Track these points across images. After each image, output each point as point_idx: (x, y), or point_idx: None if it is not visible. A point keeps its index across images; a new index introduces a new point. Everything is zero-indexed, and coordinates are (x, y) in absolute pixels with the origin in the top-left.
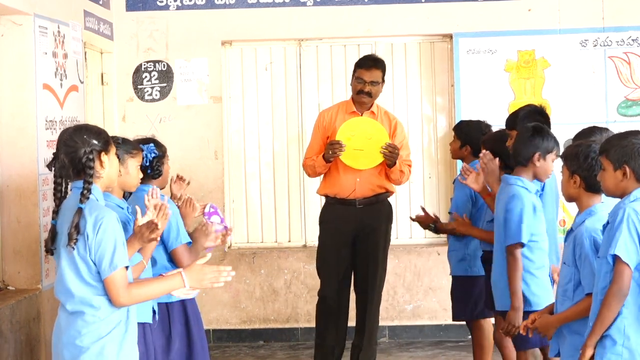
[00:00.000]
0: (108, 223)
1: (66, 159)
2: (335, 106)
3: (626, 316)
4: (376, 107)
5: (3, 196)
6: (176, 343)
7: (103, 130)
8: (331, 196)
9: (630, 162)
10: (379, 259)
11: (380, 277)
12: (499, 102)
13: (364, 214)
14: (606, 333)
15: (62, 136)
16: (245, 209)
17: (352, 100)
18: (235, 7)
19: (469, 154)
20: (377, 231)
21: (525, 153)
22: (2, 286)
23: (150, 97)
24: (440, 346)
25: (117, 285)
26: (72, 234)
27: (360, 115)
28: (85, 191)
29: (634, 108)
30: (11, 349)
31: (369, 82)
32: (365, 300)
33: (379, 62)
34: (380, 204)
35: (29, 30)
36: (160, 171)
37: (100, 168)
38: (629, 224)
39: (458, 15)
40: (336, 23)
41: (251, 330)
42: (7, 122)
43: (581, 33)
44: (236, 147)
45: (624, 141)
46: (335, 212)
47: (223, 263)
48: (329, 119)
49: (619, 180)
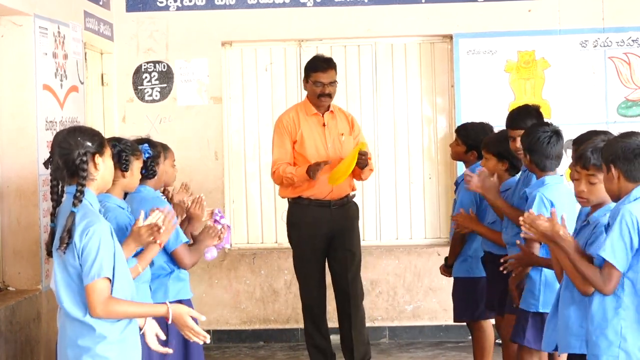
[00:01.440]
0: (96, 231)
1: (60, 161)
2: (292, 109)
3: (624, 317)
4: (332, 106)
5: (3, 197)
6: (172, 342)
7: (97, 132)
8: (305, 197)
9: (616, 163)
10: (356, 255)
11: (358, 274)
12: (499, 102)
13: (337, 215)
14: (602, 333)
15: (57, 138)
16: (245, 209)
17: (308, 101)
18: (235, 8)
19: (475, 159)
20: (351, 230)
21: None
22: (2, 287)
23: (150, 98)
24: (440, 347)
25: (95, 295)
26: (64, 238)
27: (321, 115)
28: (78, 194)
29: (634, 109)
30: (11, 349)
31: (327, 84)
32: (348, 300)
33: (332, 62)
34: (349, 203)
35: (29, 30)
36: (155, 171)
37: (94, 170)
38: (621, 225)
39: (458, 16)
40: (336, 23)
41: (251, 331)
42: (7, 122)
43: (581, 34)
44: (236, 148)
45: (611, 144)
46: (310, 214)
47: (223, 264)
48: (292, 123)
49: (612, 182)
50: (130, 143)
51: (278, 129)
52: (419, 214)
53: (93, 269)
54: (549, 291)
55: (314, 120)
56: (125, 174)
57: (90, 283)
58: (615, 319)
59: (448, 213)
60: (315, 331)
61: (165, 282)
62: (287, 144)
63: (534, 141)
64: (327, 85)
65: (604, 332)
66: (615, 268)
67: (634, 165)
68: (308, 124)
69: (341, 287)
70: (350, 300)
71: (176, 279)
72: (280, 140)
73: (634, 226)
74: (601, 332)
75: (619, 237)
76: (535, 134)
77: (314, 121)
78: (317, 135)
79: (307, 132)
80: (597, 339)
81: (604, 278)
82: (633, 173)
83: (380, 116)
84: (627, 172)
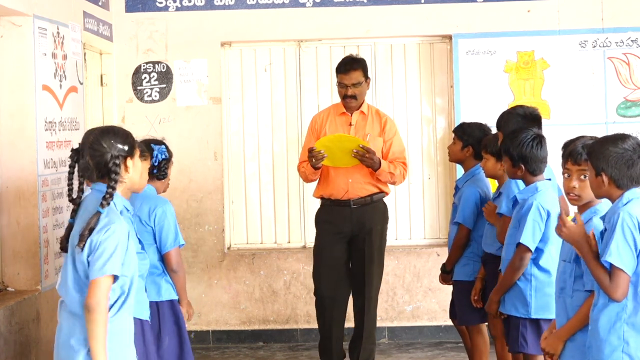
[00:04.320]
0: (116, 231)
1: (91, 162)
2: (327, 109)
3: (626, 321)
4: (366, 107)
5: (2, 197)
6: (166, 340)
7: (129, 134)
8: (326, 197)
9: (607, 170)
10: (375, 259)
11: (376, 276)
12: (499, 103)
13: (359, 215)
14: (605, 339)
15: (88, 138)
16: (244, 210)
17: (342, 102)
18: (234, 8)
19: (470, 156)
20: (373, 231)
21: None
22: (2, 287)
23: (149, 98)
24: (439, 347)
25: (98, 289)
26: (84, 235)
27: (349, 115)
28: (107, 196)
29: (633, 109)
30: (10, 350)
31: (350, 86)
32: (362, 300)
33: (356, 63)
34: (374, 204)
35: (29, 31)
36: (166, 173)
37: (124, 173)
38: (623, 228)
39: (457, 16)
40: (335, 24)
41: (251, 332)
42: (7, 123)
43: (580, 34)
44: (235, 148)
45: (602, 148)
46: (330, 213)
47: (223, 264)
48: (320, 121)
49: (601, 186)
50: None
51: (308, 127)
52: (418, 215)
53: (105, 266)
54: (540, 296)
55: (342, 120)
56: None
57: (97, 278)
58: (618, 323)
59: (447, 214)
60: (323, 328)
61: (158, 281)
62: (312, 143)
63: (520, 147)
64: (349, 87)
65: (607, 338)
66: (625, 272)
67: (625, 174)
68: (335, 122)
69: (355, 287)
70: (364, 301)
71: (169, 279)
72: (307, 138)
73: (636, 227)
74: (604, 337)
75: (623, 240)
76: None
77: (342, 120)
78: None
79: (331, 131)
80: (600, 344)
81: (613, 284)
82: (624, 181)
83: None
84: (618, 180)
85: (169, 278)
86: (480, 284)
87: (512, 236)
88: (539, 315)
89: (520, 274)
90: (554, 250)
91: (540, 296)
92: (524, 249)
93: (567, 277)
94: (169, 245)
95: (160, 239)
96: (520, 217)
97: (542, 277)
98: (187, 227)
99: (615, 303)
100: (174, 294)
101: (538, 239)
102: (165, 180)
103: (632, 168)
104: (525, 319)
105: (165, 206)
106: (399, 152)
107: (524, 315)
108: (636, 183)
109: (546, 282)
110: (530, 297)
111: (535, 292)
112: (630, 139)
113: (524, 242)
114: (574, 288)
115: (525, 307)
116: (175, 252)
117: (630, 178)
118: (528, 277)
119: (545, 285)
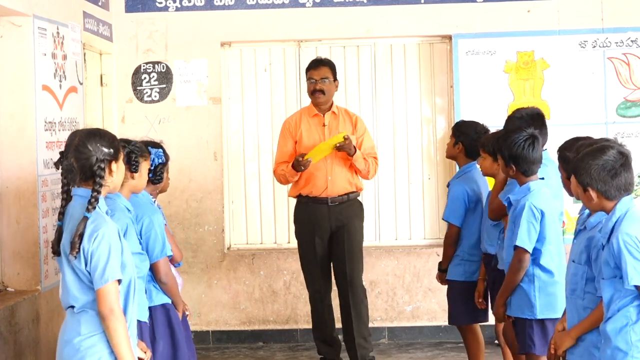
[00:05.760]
0: (105, 235)
1: (76, 164)
2: (298, 112)
3: (635, 330)
4: (336, 108)
5: (2, 197)
6: (160, 345)
7: (114, 137)
8: (304, 195)
9: (593, 184)
10: (356, 253)
11: (358, 271)
12: (498, 103)
13: (336, 212)
14: (616, 347)
15: (73, 140)
16: (244, 210)
17: (312, 103)
18: (234, 9)
19: (461, 153)
20: (352, 227)
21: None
22: (2, 287)
23: (149, 98)
24: (439, 347)
25: (107, 297)
26: (75, 243)
27: (322, 116)
28: (92, 200)
29: (633, 109)
30: (10, 350)
31: (319, 80)
32: (347, 297)
33: (325, 61)
34: (351, 202)
35: (28, 31)
36: (162, 177)
37: (108, 176)
38: (630, 251)
39: (457, 17)
40: (335, 24)
41: (250, 332)
42: (7, 123)
43: (580, 34)
44: (235, 148)
45: (583, 163)
46: (308, 210)
47: (223, 264)
48: (294, 124)
49: (590, 200)
50: (139, 144)
51: (281, 131)
52: (418, 215)
53: (105, 274)
54: (544, 295)
55: (315, 121)
56: (134, 175)
57: (102, 287)
58: (625, 329)
59: None
60: (318, 323)
61: (149, 287)
62: (288, 145)
63: (512, 147)
64: (318, 82)
65: (617, 346)
66: None
67: (611, 185)
68: (309, 124)
69: (339, 284)
70: (349, 298)
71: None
72: (282, 141)
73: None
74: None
75: (634, 260)
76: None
77: (315, 121)
78: (316, 135)
79: (306, 132)
80: (612, 353)
81: None
82: (611, 192)
83: (379, 117)
84: (606, 193)
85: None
86: (482, 285)
87: (510, 239)
88: (544, 316)
89: (521, 275)
90: (553, 249)
91: (544, 296)
92: (521, 251)
93: (578, 279)
94: (156, 255)
95: (147, 249)
96: (515, 219)
97: (545, 277)
98: (187, 227)
99: (623, 315)
100: (166, 298)
101: (534, 240)
102: (165, 181)
103: (617, 177)
104: (531, 320)
105: (153, 216)
106: (370, 147)
107: (530, 317)
108: (625, 191)
109: (549, 282)
110: (535, 298)
111: (539, 292)
112: (610, 149)
113: (519, 244)
114: (585, 290)
115: (530, 309)
116: (163, 263)
117: (617, 188)
118: (531, 278)
119: (548, 285)
